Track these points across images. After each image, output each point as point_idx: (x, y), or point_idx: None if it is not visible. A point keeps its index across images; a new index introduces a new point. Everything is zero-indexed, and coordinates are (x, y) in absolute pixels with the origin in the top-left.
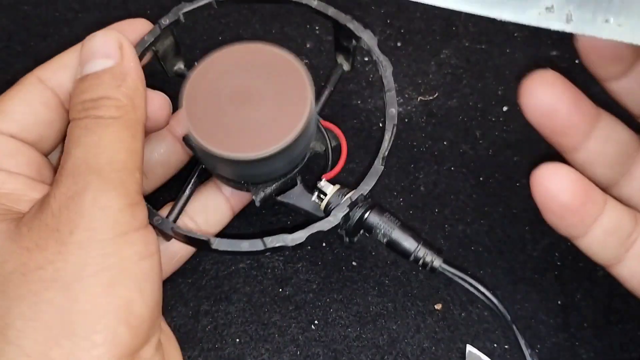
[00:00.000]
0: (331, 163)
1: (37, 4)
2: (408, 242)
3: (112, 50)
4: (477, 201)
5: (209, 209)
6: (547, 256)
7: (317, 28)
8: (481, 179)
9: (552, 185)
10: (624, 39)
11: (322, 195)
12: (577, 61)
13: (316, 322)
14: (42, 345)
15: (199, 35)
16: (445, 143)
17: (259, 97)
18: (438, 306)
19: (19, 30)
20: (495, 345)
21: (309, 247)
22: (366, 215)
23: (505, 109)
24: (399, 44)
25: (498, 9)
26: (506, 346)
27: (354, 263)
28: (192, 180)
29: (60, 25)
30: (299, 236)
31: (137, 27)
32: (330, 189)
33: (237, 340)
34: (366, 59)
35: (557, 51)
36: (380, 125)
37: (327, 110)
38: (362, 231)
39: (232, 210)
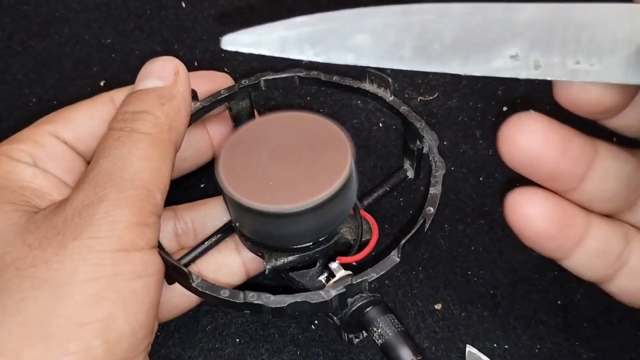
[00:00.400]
0: (354, 253)
1: (37, 4)
2: (404, 353)
3: (167, 74)
4: (477, 201)
5: (222, 270)
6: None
7: None
8: (481, 179)
9: (526, 212)
10: (599, 80)
11: (330, 277)
12: None
13: (316, 322)
14: (16, 342)
15: (198, 34)
16: (445, 143)
17: (297, 157)
18: (438, 306)
19: (19, 30)
20: (495, 345)
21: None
22: (367, 309)
23: (505, 109)
24: None
25: (460, 65)
26: (506, 346)
27: (353, 263)
28: (216, 233)
29: (60, 25)
30: (280, 300)
31: (218, 80)
32: (340, 273)
33: (237, 340)
34: None
35: None
36: (381, 125)
37: (327, 110)
38: (363, 333)
39: (247, 275)
